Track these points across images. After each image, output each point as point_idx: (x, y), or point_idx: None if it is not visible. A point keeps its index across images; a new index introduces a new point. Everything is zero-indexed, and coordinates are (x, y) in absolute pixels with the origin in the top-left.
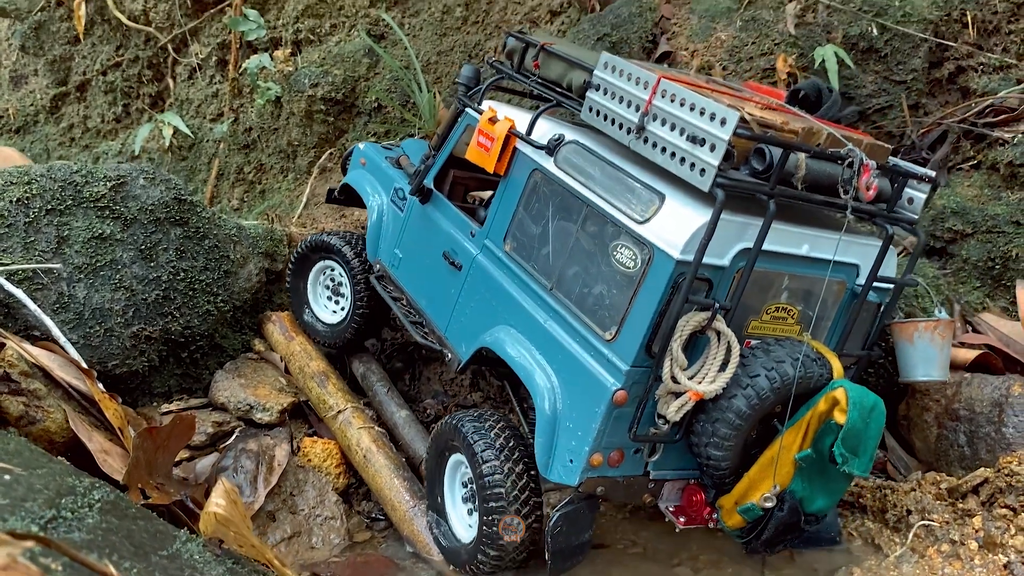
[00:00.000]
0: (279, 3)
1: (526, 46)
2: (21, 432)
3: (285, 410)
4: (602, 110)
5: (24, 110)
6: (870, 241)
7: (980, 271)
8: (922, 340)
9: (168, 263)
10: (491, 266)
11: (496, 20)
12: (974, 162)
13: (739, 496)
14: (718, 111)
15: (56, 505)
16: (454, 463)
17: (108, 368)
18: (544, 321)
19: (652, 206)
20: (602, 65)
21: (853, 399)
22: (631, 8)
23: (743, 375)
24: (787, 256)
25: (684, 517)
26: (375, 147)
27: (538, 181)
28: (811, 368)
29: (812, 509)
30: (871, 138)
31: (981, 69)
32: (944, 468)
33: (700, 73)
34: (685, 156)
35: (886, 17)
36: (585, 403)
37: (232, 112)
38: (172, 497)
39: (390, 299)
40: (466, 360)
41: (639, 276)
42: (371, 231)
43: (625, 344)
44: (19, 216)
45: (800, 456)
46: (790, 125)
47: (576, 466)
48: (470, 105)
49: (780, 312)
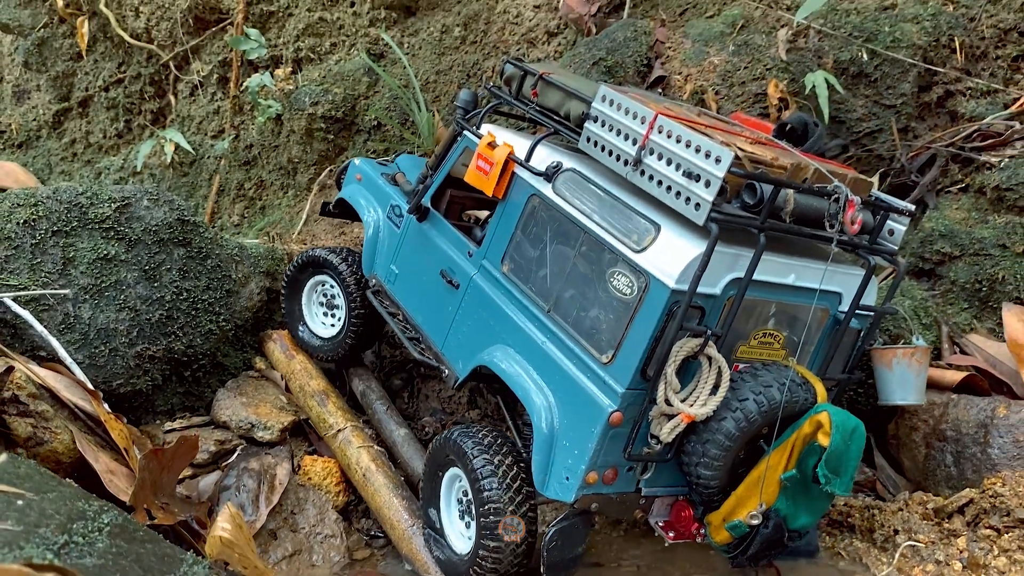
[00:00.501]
0: (280, 22)
1: (524, 74)
2: (29, 453)
3: (286, 428)
4: (600, 141)
5: (27, 125)
6: (851, 270)
7: (968, 293)
8: (900, 366)
9: (171, 283)
10: (488, 286)
11: (494, 40)
12: (962, 185)
13: (727, 513)
14: (713, 149)
15: (68, 530)
16: (451, 477)
17: (112, 387)
18: (541, 342)
19: (648, 236)
20: (600, 98)
21: (836, 423)
22: (626, 32)
23: (732, 398)
24: (775, 285)
25: (673, 532)
26: (371, 163)
27: (536, 206)
28: (797, 392)
29: (795, 526)
30: (855, 172)
31: (969, 94)
32: (932, 488)
33: (692, 102)
34: (681, 190)
35: (876, 42)
36: (582, 423)
37: (233, 129)
38: (177, 517)
39: (387, 314)
40: (463, 377)
41: (635, 303)
42: (367, 246)
43: (621, 367)
44: (26, 238)
45: (785, 476)
46: (779, 160)
47: (572, 483)
48: (468, 129)
49: (767, 337)
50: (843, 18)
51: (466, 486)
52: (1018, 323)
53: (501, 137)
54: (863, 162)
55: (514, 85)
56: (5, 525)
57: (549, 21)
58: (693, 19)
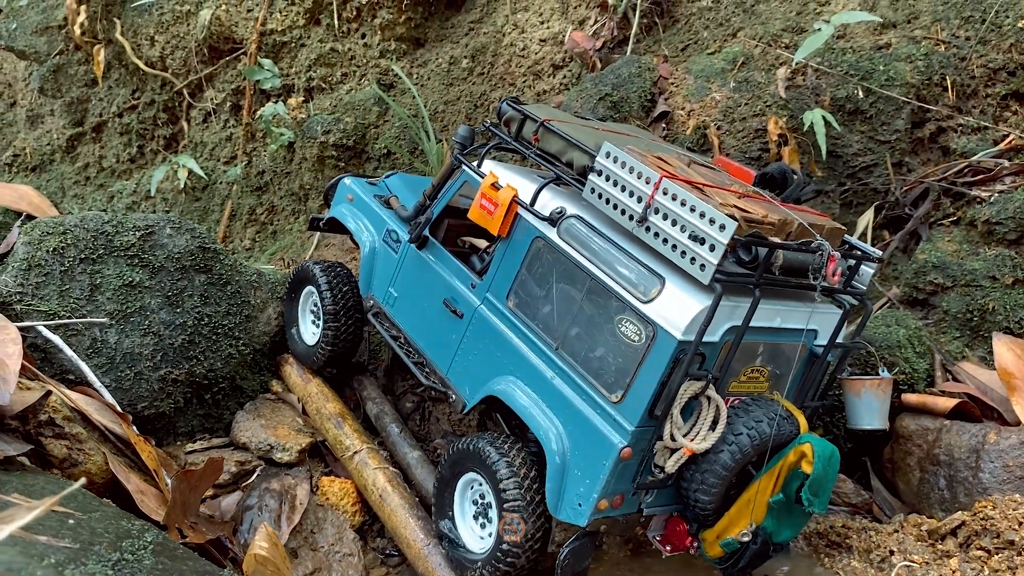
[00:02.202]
0: (292, 52)
1: (524, 118)
2: (64, 474)
3: (304, 450)
4: (604, 194)
5: (40, 149)
6: (825, 308)
7: (959, 322)
8: (868, 394)
9: (193, 309)
10: (494, 319)
11: (501, 72)
12: (954, 218)
13: (720, 531)
14: (717, 217)
15: (119, 548)
16: (466, 481)
17: (137, 410)
18: (550, 377)
19: (654, 288)
20: (604, 154)
21: (818, 452)
22: (631, 68)
23: (728, 432)
24: (764, 329)
25: (670, 545)
26: (361, 183)
27: (541, 248)
28: (783, 426)
29: (779, 540)
30: (830, 220)
31: (960, 130)
32: (926, 510)
33: (695, 137)
34: (686, 250)
35: (871, 81)
36: (593, 456)
37: (245, 155)
38: (206, 536)
39: (388, 337)
40: (472, 405)
41: (644, 349)
42: (363, 267)
43: (631, 407)
44: (55, 265)
45: (773, 500)
46: (769, 217)
47: (584, 510)
48: (467, 165)
49: (754, 373)
50: (839, 57)
51: (482, 489)
52: (1008, 352)
53: (503, 176)
54: (859, 195)
55: (514, 127)
56: (64, 543)
57: (555, 55)
58: (695, 55)
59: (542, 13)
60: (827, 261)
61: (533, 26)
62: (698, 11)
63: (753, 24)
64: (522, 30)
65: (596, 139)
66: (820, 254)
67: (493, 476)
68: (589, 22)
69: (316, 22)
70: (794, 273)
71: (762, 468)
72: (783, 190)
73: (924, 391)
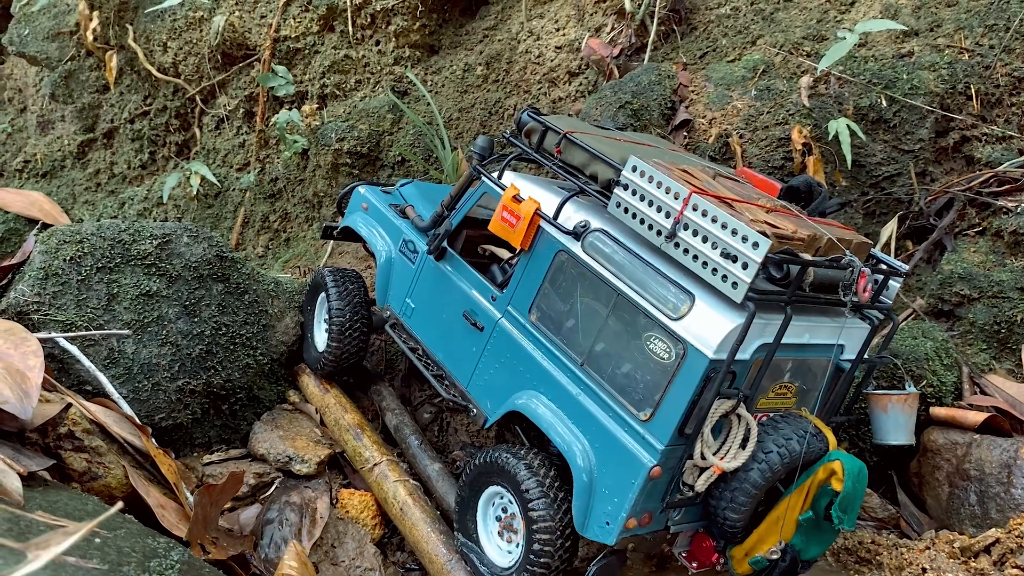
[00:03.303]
0: (306, 59)
1: (546, 129)
2: (84, 488)
3: (323, 462)
4: (631, 209)
5: (51, 155)
6: (853, 324)
7: (987, 334)
8: (895, 409)
9: (211, 318)
10: (516, 332)
11: (516, 80)
12: (979, 229)
13: (749, 548)
14: (750, 235)
15: (147, 568)
16: (490, 495)
17: (155, 421)
18: (576, 393)
19: (684, 305)
20: (631, 168)
21: (848, 469)
22: (650, 76)
23: (758, 451)
24: (793, 345)
25: (696, 562)
26: (376, 191)
27: (565, 262)
28: (813, 443)
29: (807, 557)
30: (856, 234)
31: (985, 139)
32: (956, 526)
33: (717, 145)
34: (717, 268)
35: (894, 89)
36: (622, 475)
37: (259, 162)
38: (229, 552)
39: (407, 349)
40: (494, 420)
41: (674, 368)
42: (379, 278)
43: (660, 425)
44: (72, 274)
45: (803, 518)
46: (799, 233)
47: (613, 528)
48: (487, 176)
49: (782, 389)
50: (862, 65)
51: (507, 503)
52: None
53: (524, 189)
54: (882, 205)
55: (535, 138)
56: (93, 564)
57: (571, 62)
58: (714, 63)
59: (558, 20)
60: (858, 277)
61: (549, 33)
62: (717, 19)
63: (773, 32)
64: (537, 37)
65: (621, 151)
66: (851, 270)
67: (519, 489)
68: (606, 29)
69: (330, 29)
70: (824, 289)
71: (791, 485)
72: (808, 203)
73: (952, 404)
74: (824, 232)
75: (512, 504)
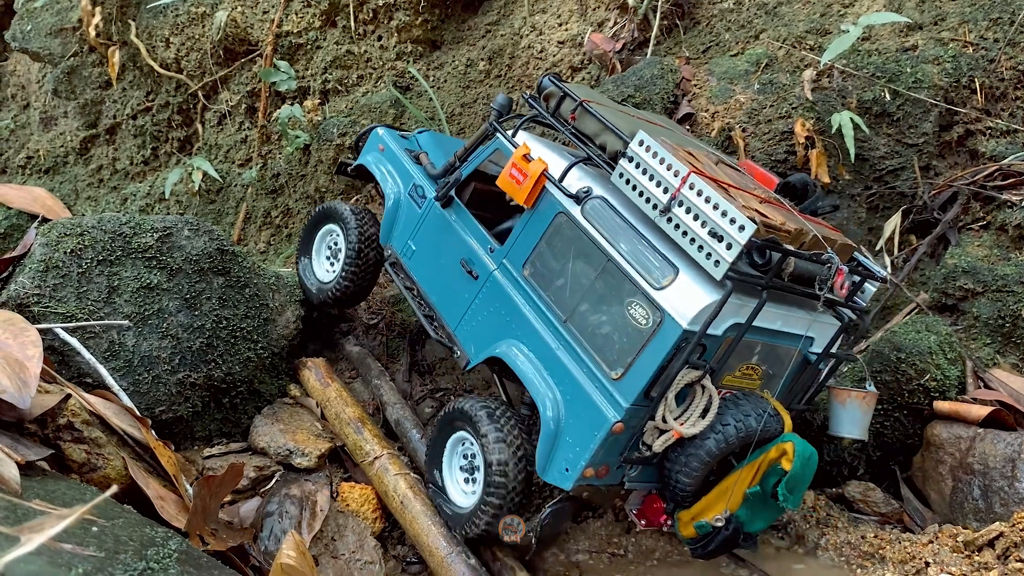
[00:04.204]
0: (308, 54)
1: (564, 95)
2: (83, 479)
3: (323, 455)
4: (632, 180)
5: (54, 151)
6: (825, 319)
7: (991, 328)
8: (852, 405)
9: (211, 311)
10: (507, 284)
11: (518, 75)
12: (984, 223)
13: (696, 513)
14: (738, 217)
15: (144, 557)
16: (456, 440)
17: (155, 414)
18: (556, 348)
19: (668, 276)
20: (638, 142)
21: (798, 452)
22: (653, 70)
23: (716, 422)
24: (765, 330)
25: (644, 520)
26: (394, 135)
27: (563, 223)
28: (770, 423)
29: (750, 530)
30: (843, 236)
31: (989, 133)
32: (959, 521)
33: (720, 139)
34: (703, 245)
35: (898, 83)
36: (586, 426)
37: (260, 158)
38: (228, 543)
39: (403, 288)
40: (475, 363)
41: (649, 333)
42: (386, 217)
43: (629, 386)
44: (72, 267)
45: (750, 491)
46: (786, 225)
47: (571, 475)
48: (502, 133)
49: (748, 370)
50: (865, 59)
51: (471, 449)
52: None
53: (535, 149)
54: (885, 199)
55: (552, 103)
56: (89, 551)
57: (573, 57)
58: (716, 57)
59: (560, 15)
60: (835, 274)
61: (551, 28)
62: (719, 13)
63: (776, 26)
64: (540, 32)
65: (631, 125)
66: (829, 267)
67: (479, 433)
68: (608, 24)
69: (332, 24)
70: (802, 281)
71: (744, 460)
72: (802, 200)
73: (956, 399)
74: (811, 228)
75: (474, 447)
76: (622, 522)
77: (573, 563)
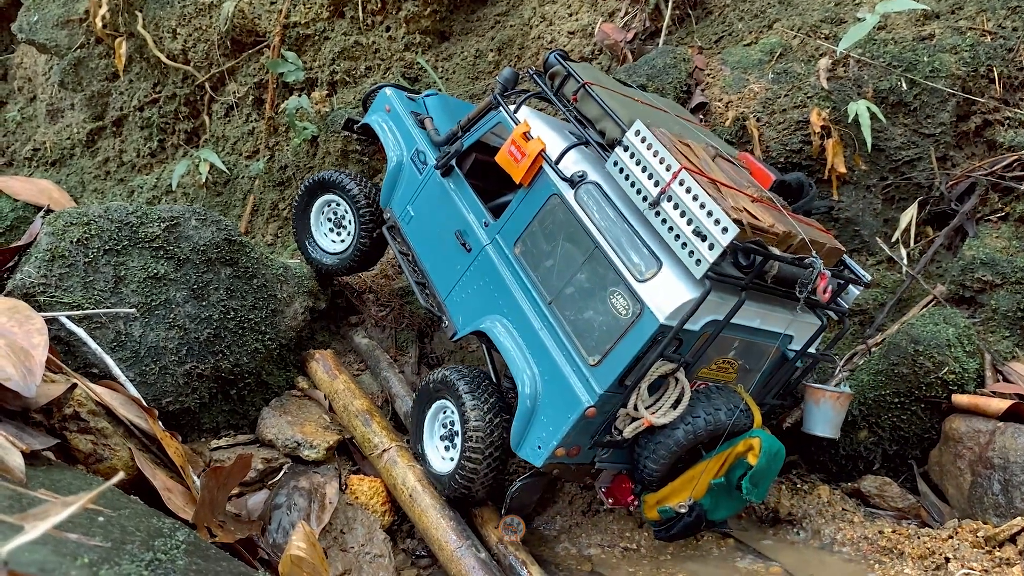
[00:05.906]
0: (316, 45)
1: (568, 75)
2: (89, 470)
3: (331, 448)
4: (625, 170)
5: (60, 143)
6: (806, 318)
7: (1009, 321)
8: (825, 404)
9: (219, 302)
10: (498, 260)
11: (528, 65)
12: (1002, 214)
13: (661, 498)
14: (722, 219)
15: (151, 547)
16: (437, 408)
17: (162, 405)
18: (539, 328)
19: (651, 270)
20: (634, 132)
21: (765, 448)
22: (666, 59)
23: (687, 413)
24: (743, 327)
25: (612, 499)
26: (401, 96)
27: (556, 206)
28: (740, 418)
29: (713, 518)
30: (832, 239)
31: (1007, 123)
32: (978, 515)
33: (734, 128)
34: (687, 243)
35: (915, 72)
36: (561, 408)
37: (268, 150)
38: (236, 535)
39: (398, 252)
40: (461, 335)
41: (628, 324)
42: (388, 178)
43: (604, 372)
44: (79, 256)
45: (715, 482)
46: (775, 227)
47: (543, 452)
48: (505, 108)
49: (725, 364)
50: (881, 48)
51: (451, 417)
52: None
53: (536, 128)
54: (901, 190)
55: (556, 82)
56: (96, 541)
57: (584, 47)
58: (729, 47)
59: (570, 5)
60: (817, 278)
61: (561, 18)
62: (732, 2)
63: (790, 15)
64: (550, 22)
65: (632, 113)
66: (811, 271)
67: (459, 402)
68: (619, 14)
69: (340, 15)
70: (785, 284)
71: (712, 451)
72: (797, 200)
73: (974, 392)
74: (799, 231)
75: (454, 415)
76: (635, 516)
77: (585, 557)
